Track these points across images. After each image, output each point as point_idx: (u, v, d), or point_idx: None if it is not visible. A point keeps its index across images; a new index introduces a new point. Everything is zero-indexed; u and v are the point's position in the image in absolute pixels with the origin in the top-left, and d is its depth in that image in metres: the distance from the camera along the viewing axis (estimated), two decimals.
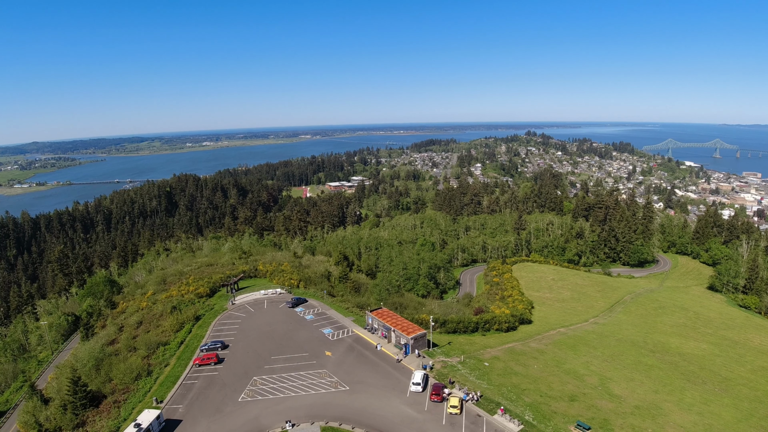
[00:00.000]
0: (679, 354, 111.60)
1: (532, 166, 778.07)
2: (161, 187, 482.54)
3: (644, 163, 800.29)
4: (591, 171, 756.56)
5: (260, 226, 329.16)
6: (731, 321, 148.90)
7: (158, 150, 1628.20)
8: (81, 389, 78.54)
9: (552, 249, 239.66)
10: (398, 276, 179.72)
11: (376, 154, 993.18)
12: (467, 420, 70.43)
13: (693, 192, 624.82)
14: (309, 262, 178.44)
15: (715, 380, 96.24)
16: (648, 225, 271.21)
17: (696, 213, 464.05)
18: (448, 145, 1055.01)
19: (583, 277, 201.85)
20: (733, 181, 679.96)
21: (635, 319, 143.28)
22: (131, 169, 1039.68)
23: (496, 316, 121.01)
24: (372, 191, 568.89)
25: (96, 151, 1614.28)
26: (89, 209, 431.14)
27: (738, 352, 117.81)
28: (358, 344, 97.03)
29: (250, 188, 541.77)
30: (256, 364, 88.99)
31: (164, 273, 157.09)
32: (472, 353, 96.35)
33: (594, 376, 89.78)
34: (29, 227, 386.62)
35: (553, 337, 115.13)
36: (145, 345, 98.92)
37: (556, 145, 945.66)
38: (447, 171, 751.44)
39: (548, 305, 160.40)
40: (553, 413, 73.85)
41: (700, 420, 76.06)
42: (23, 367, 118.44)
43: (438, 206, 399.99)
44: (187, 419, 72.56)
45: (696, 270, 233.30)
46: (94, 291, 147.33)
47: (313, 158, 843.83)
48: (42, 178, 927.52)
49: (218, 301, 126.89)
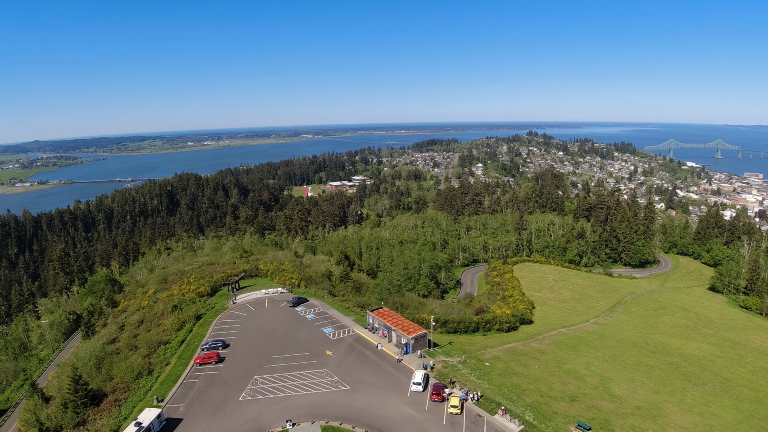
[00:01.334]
0: (680, 355, 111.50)
1: (534, 166, 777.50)
2: (162, 186, 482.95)
3: (646, 164, 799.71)
4: (592, 171, 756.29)
5: (261, 226, 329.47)
6: (732, 322, 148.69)
7: (160, 149, 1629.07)
8: (82, 388, 78.57)
9: (553, 249, 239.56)
10: (399, 276, 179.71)
11: (377, 153, 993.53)
12: (468, 420, 70.42)
13: (694, 192, 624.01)
14: (310, 262, 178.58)
15: (715, 381, 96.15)
16: (649, 225, 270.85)
17: (697, 213, 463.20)
18: (450, 145, 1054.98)
19: (584, 278, 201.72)
20: (735, 181, 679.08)
21: (636, 320, 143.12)
22: (133, 168, 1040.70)
23: (496, 316, 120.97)
24: (373, 191, 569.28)
25: (97, 150, 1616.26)
26: (91, 208, 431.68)
27: (739, 353, 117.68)
28: (359, 344, 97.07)
29: (251, 187, 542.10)
30: (256, 363, 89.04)
31: (165, 272, 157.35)
32: (473, 353, 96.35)
33: (595, 377, 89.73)
34: (31, 226, 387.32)
35: (553, 338, 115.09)
36: (146, 344, 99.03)
37: (557, 145, 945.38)
38: (448, 171, 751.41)
39: (549, 305, 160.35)
40: (554, 413, 73.83)
41: (700, 421, 75.99)
42: (24, 365, 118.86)
43: (439, 206, 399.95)
44: (188, 418, 72.61)
45: (697, 271, 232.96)
46: (95, 290, 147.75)
47: (315, 158, 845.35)
48: (43, 177, 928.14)
49: (219, 300, 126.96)
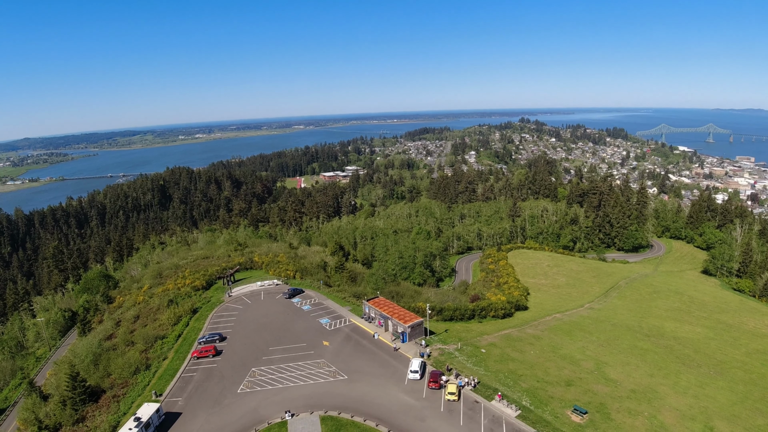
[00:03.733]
0: (674, 338, 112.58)
1: (526, 153, 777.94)
2: (155, 180, 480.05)
3: (638, 149, 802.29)
4: (585, 157, 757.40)
5: (255, 218, 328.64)
6: (725, 305, 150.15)
7: (151, 143, 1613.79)
8: (80, 385, 78.47)
9: (547, 235, 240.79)
10: (394, 265, 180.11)
11: (369, 143, 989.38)
12: (465, 406, 70.99)
13: (687, 177, 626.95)
14: (305, 253, 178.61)
15: (710, 363, 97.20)
16: (642, 210, 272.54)
17: (690, 198, 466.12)
18: (442, 134, 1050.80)
19: (578, 263, 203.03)
20: (727, 165, 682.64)
21: (630, 304, 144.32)
22: (124, 163, 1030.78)
23: (492, 303, 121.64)
24: (366, 181, 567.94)
25: (88, 146, 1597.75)
26: (83, 204, 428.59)
27: (732, 336, 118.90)
28: (356, 333, 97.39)
29: (244, 180, 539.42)
30: (254, 355, 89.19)
31: (160, 267, 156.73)
32: (469, 340, 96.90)
33: (590, 361, 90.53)
34: (23, 224, 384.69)
35: (548, 323, 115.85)
36: (142, 339, 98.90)
37: (549, 132, 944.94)
38: (441, 159, 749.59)
39: (544, 291, 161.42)
40: (550, 398, 74.55)
41: (695, 403, 76.95)
42: (21, 364, 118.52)
43: (433, 195, 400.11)
44: (187, 412, 72.74)
45: (690, 254, 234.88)
46: (90, 286, 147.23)
47: (307, 148, 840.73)
48: (34, 174, 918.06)
49: (215, 293, 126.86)
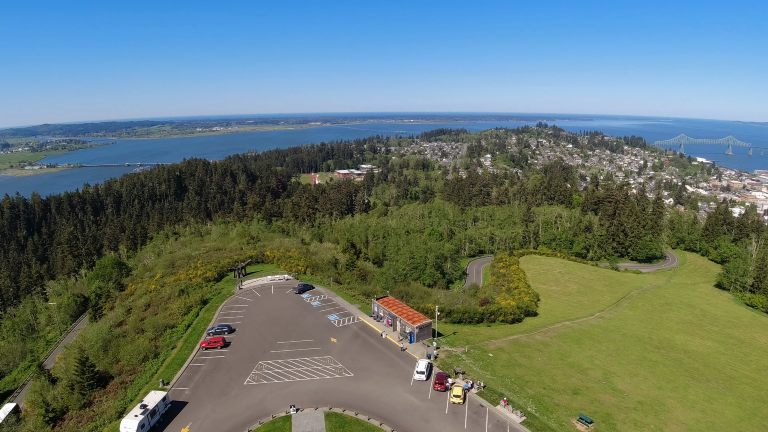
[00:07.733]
0: (684, 351, 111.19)
1: (542, 158, 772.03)
2: (171, 171, 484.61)
3: (655, 158, 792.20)
4: (601, 164, 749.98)
5: (269, 212, 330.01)
6: (738, 319, 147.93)
7: (168, 134, 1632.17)
8: (88, 370, 79.58)
9: (560, 242, 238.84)
10: (405, 265, 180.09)
11: (385, 142, 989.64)
12: (470, 410, 70.81)
13: (704, 189, 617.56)
14: (316, 249, 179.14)
15: (719, 378, 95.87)
16: (657, 220, 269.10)
17: (706, 210, 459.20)
18: (458, 135, 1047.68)
19: (591, 271, 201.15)
20: (745, 179, 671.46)
21: (641, 315, 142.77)
22: (141, 153, 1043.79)
23: (501, 307, 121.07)
24: (381, 180, 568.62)
25: (107, 134, 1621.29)
26: (99, 192, 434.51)
27: (743, 351, 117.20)
28: (364, 332, 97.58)
29: (259, 174, 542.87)
30: (261, 348, 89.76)
31: (173, 256, 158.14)
32: (477, 344, 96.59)
33: (598, 370, 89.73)
34: (40, 209, 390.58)
35: (558, 330, 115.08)
36: (152, 327, 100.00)
37: (567, 138, 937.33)
38: (456, 161, 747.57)
39: (554, 298, 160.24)
40: (556, 406, 74.05)
41: (702, 417, 75.94)
42: (31, 346, 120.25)
43: (446, 196, 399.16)
44: (193, 401, 73.45)
45: (704, 267, 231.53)
46: (103, 273, 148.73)
47: (323, 145, 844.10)
48: (53, 160, 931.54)
49: (225, 285, 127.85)
